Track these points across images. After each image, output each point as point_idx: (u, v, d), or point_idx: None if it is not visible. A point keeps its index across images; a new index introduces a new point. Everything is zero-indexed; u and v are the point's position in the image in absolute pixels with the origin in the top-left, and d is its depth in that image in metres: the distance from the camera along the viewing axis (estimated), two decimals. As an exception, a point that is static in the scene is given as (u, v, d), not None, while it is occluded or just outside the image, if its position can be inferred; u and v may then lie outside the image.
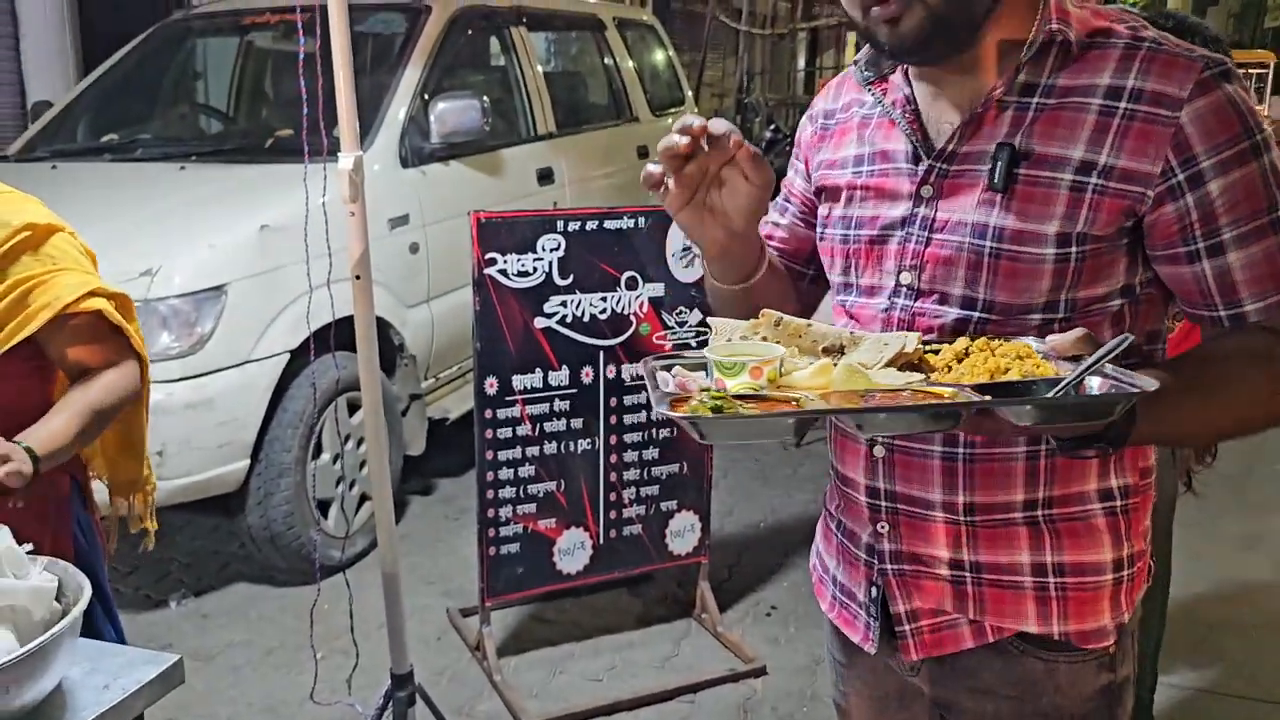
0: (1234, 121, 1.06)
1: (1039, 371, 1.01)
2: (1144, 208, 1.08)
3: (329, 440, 3.49)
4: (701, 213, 1.11)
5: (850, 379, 1.01)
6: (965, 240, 1.13)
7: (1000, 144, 1.11)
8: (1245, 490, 4.37)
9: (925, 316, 1.17)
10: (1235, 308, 1.09)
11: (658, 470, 3.09)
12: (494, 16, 4.85)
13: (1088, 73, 1.10)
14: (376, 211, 3.66)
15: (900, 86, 1.21)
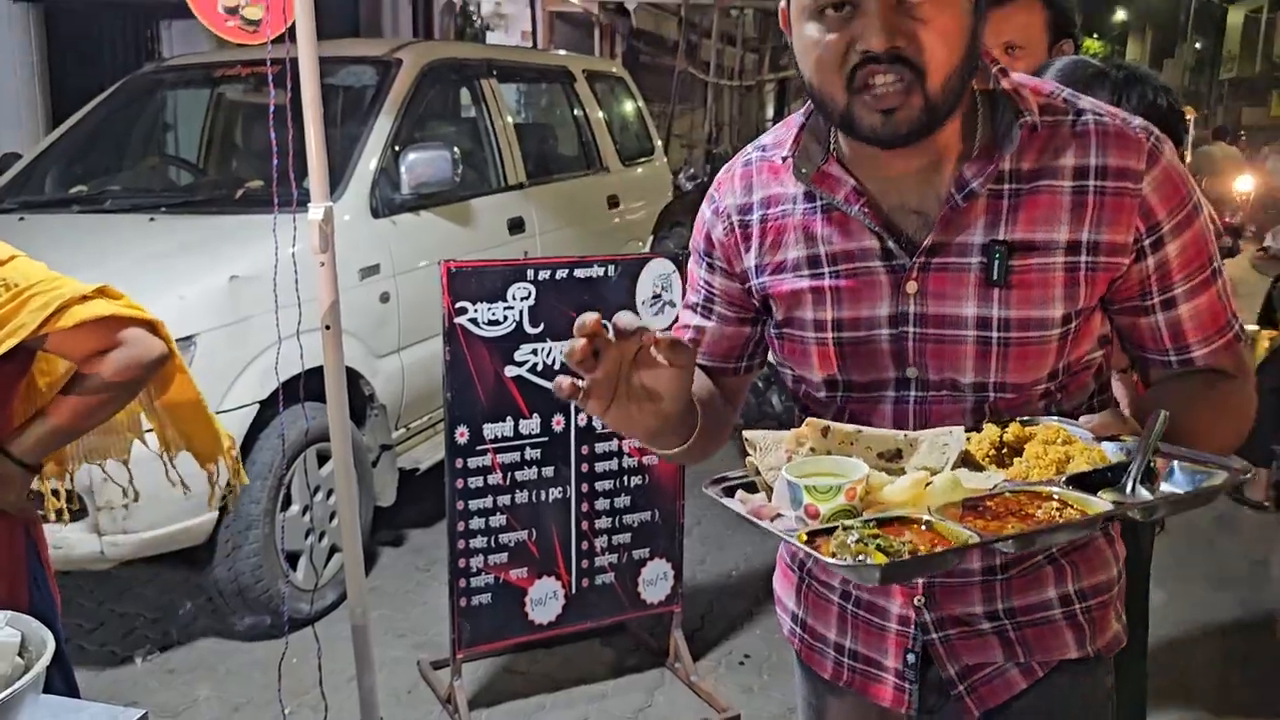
0: (1180, 186, 1.13)
1: (1096, 457, 1.05)
2: (1120, 272, 1.14)
3: (298, 491, 3.46)
4: (626, 407, 1.03)
5: (951, 490, 0.99)
6: (970, 333, 1.14)
7: (994, 240, 1.11)
8: (1214, 530, 4.42)
9: (943, 404, 1.18)
10: (1184, 353, 1.18)
11: (630, 518, 3.09)
12: (464, 69, 4.90)
13: (1049, 154, 1.12)
14: (347, 261, 3.66)
15: (843, 179, 1.16)
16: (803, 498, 0.97)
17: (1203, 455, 1.03)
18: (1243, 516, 4.64)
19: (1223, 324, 1.18)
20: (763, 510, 1.02)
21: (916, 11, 1.03)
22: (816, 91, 1.10)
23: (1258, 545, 4.39)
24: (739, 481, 1.09)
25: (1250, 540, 4.44)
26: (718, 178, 1.30)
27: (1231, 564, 4.15)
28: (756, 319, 1.29)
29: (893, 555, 0.91)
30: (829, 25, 1.05)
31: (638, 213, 6.11)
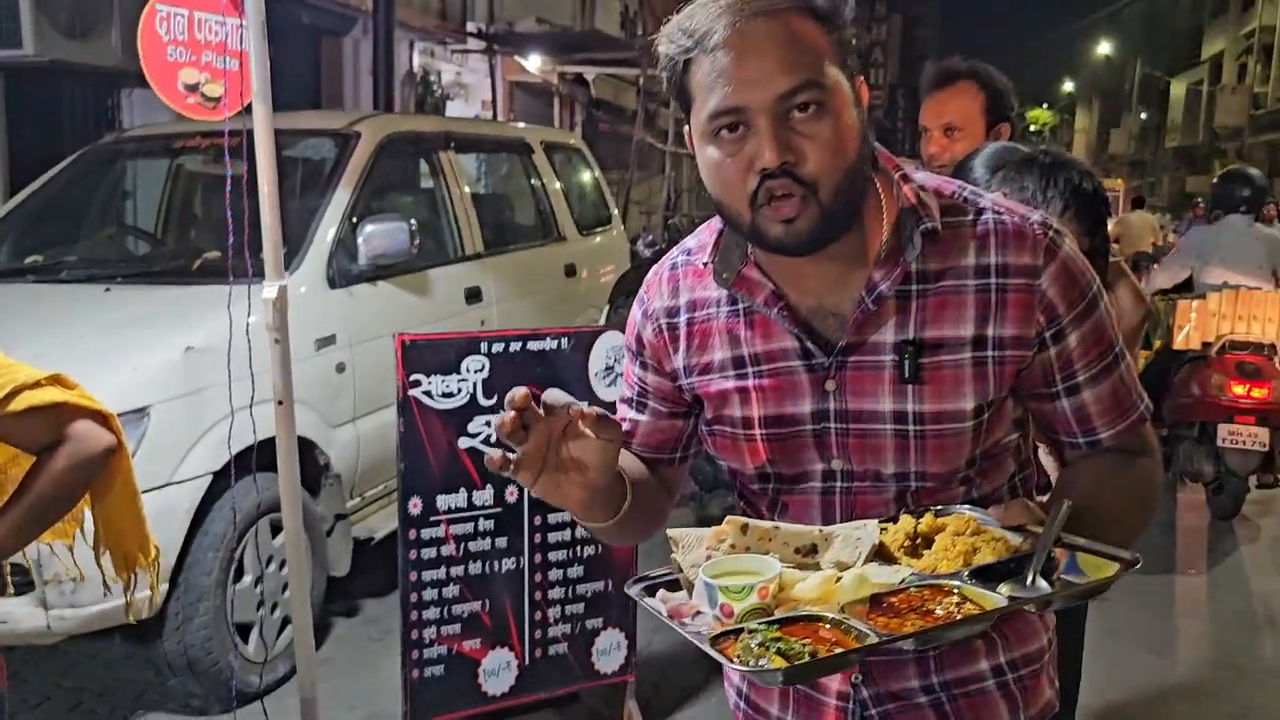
0: (1079, 278, 1.20)
1: (1001, 546, 1.09)
2: (1025, 363, 1.20)
3: (251, 562, 3.45)
4: (557, 478, 1.08)
5: (858, 587, 1.03)
6: (887, 427, 1.19)
7: (904, 340, 1.17)
8: (1154, 594, 4.51)
9: (868, 493, 1.23)
10: (1091, 435, 1.24)
11: (583, 588, 3.11)
12: (423, 141, 4.99)
13: (953, 255, 1.19)
14: (303, 332, 3.70)
15: (762, 283, 1.22)
16: (718, 597, 1.00)
17: (1098, 546, 1.07)
18: (1180, 580, 4.74)
19: (1127, 406, 1.24)
20: (683, 609, 1.05)
21: (801, 128, 1.10)
22: (725, 209, 1.17)
23: (1195, 607, 4.47)
24: (662, 580, 1.14)
25: (1190, 602, 4.52)
26: (646, 280, 1.36)
27: (1168, 627, 4.23)
28: (689, 413, 1.34)
29: (792, 659, 0.94)
30: (726, 147, 1.12)
31: (595, 281, 6.20)
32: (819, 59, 1.11)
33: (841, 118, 1.12)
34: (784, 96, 1.09)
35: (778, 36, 1.10)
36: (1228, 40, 35.36)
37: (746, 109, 1.10)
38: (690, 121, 1.18)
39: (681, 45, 1.14)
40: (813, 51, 1.11)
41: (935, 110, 2.63)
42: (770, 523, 1.14)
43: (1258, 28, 31.78)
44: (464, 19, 12.22)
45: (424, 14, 11.34)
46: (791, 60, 1.09)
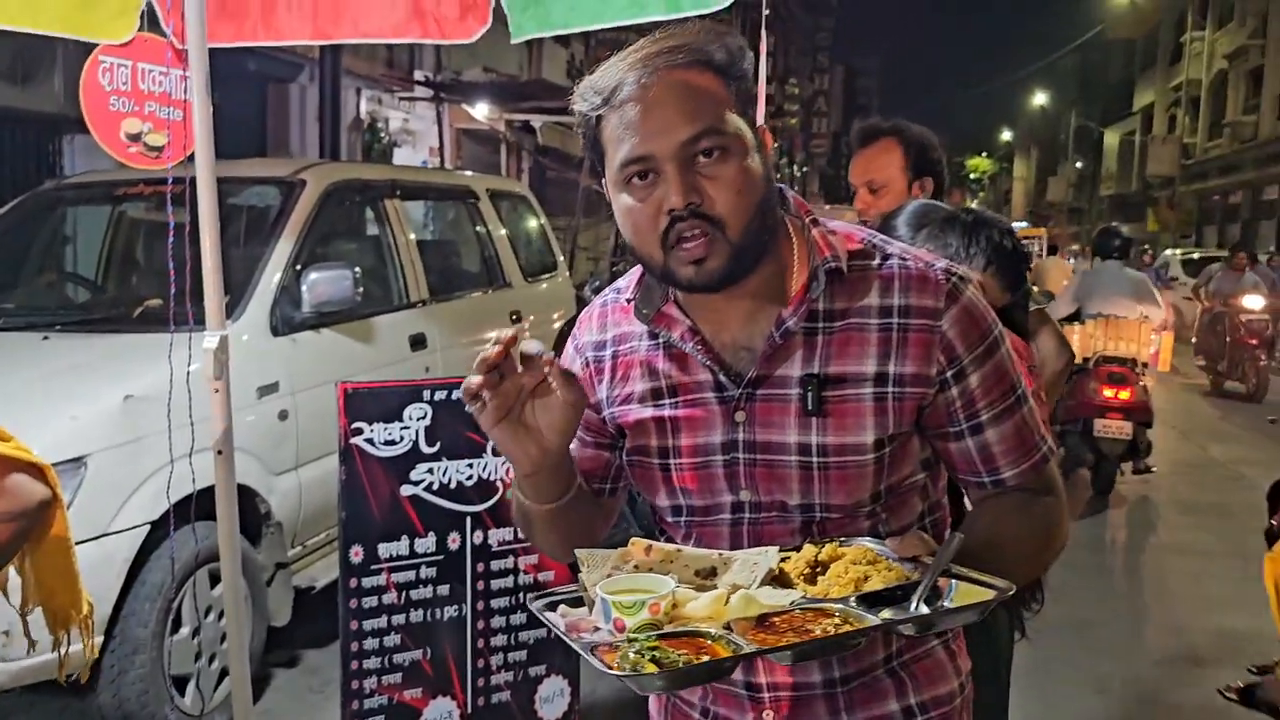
0: (980, 321, 1.27)
1: (893, 576, 1.13)
2: (927, 401, 1.26)
3: (189, 613, 3.40)
4: (516, 428, 1.17)
5: (745, 607, 1.07)
6: (792, 458, 1.25)
7: (807, 374, 1.24)
8: (1091, 634, 4.59)
9: (774, 524, 1.28)
10: (996, 474, 1.30)
11: (525, 635, 3.11)
12: (368, 189, 5.02)
13: (858, 295, 1.26)
14: (245, 379, 3.69)
15: (679, 319, 1.29)
16: (611, 612, 1.05)
17: (979, 575, 1.11)
18: (1114, 620, 4.84)
19: (1030, 446, 1.29)
20: (581, 624, 1.09)
21: (706, 171, 1.18)
22: (638, 252, 1.25)
23: (1130, 651, 4.56)
24: (565, 596, 1.19)
25: (1123, 648, 4.62)
26: (580, 317, 1.44)
27: (1106, 668, 4.31)
28: (613, 445, 1.40)
29: (666, 666, 0.98)
30: (638, 194, 1.20)
31: (541, 327, 6.24)
32: (718, 108, 1.19)
33: (744, 161, 1.20)
34: (687, 143, 1.17)
35: (678, 89, 1.18)
36: (1157, 93, 36.65)
37: (654, 157, 1.18)
38: (605, 173, 1.25)
39: (592, 103, 1.23)
40: (712, 101, 1.19)
41: (861, 168, 2.73)
42: (674, 545, 1.20)
43: (1185, 81, 32.98)
44: (411, 67, 12.31)
45: (371, 62, 11.41)
46: (692, 109, 1.18)
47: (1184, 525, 6.60)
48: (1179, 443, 9.33)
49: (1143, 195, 37.37)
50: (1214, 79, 30.73)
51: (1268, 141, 25.77)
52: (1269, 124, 25.95)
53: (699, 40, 1.21)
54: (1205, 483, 7.82)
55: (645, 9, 2.70)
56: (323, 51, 8.85)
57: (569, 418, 1.18)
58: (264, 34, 3.06)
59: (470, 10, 3.01)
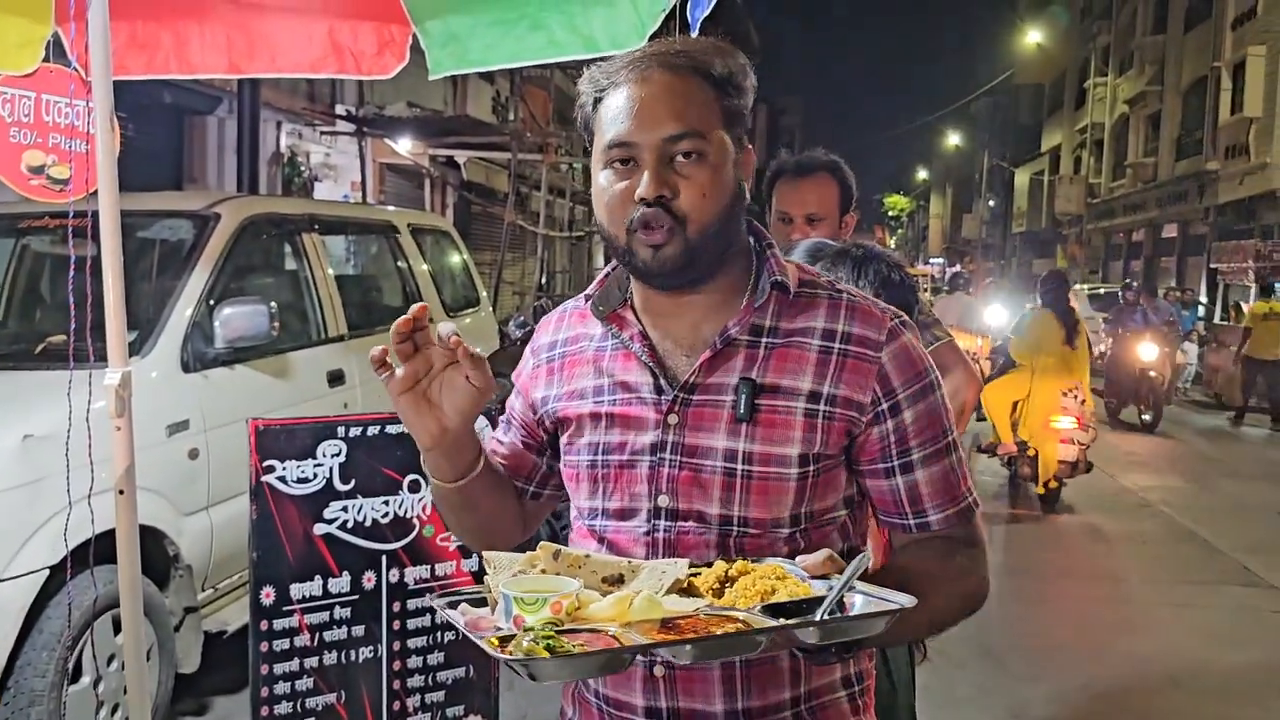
0: (917, 363, 1.31)
1: (800, 591, 1.13)
2: (859, 429, 1.28)
3: (90, 662, 3.27)
4: (420, 402, 1.22)
5: (649, 609, 1.07)
6: (718, 464, 1.27)
7: (743, 378, 1.27)
8: (1005, 661, 4.67)
9: (689, 535, 1.28)
10: (921, 517, 1.31)
11: (443, 675, 3.05)
12: (286, 223, 4.94)
13: (803, 317, 1.30)
14: (154, 417, 3.59)
15: (633, 322, 1.35)
16: (512, 609, 1.05)
17: (883, 592, 1.11)
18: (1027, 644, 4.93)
19: (958, 494, 1.31)
20: (481, 622, 1.09)
21: (682, 170, 1.25)
22: (605, 230, 1.31)
23: (1045, 678, 4.65)
24: (468, 596, 1.18)
25: (1038, 675, 4.70)
26: (540, 323, 1.51)
27: (1022, 695, 4.38)
28: (541, 449, 1.46)
29: (559, 654, 0.98)
30: (616, 176, 1.28)
31: (463, 362, 6.18)
32: (706, 116, 1.27)
33: (719, 171, 1.27)
34: (669, 140, 1.25)
35: (674, 89, 1.26)
36: (1064, 135, 37.99)
37: (638, 145, 1.25)
38: (592, 152, 1.32)
39: (598, 84, 1.31)
40: (701, 108, 1.27)
41: (799, 199, 2.77)
42: (583, 551, 1.21)
43: (1089, 124, 34.27)
44: (333, 101, 12.20)
45: (292, 95, 11.28)
46: (681, 110, 1.25)
47: (1097, 553, 6.77)
48: (1092, 473, 9.59)
49: (1053, 232, 38.59)
50: (1116, 122, 31.97)
51: (1166, 182, 26.86)
52: (1167, 166, 27.07)
53: (702, 51, 1.29)
54: (1116, 511, 8.04)
55: (562, 49, 2.73)
56: (241, 84, 8.73)
57: (472, 401, 1.23)
58: (176, 67, 3.01)
59: (388, 46, 3.01)
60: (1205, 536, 7.21)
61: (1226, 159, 22.48)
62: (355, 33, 2.97)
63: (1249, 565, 6.48)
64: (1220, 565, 6.54)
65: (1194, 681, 4.58)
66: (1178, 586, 6.04)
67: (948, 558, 1.29)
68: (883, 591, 1.12)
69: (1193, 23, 25.64)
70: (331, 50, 2.98)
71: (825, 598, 1.10)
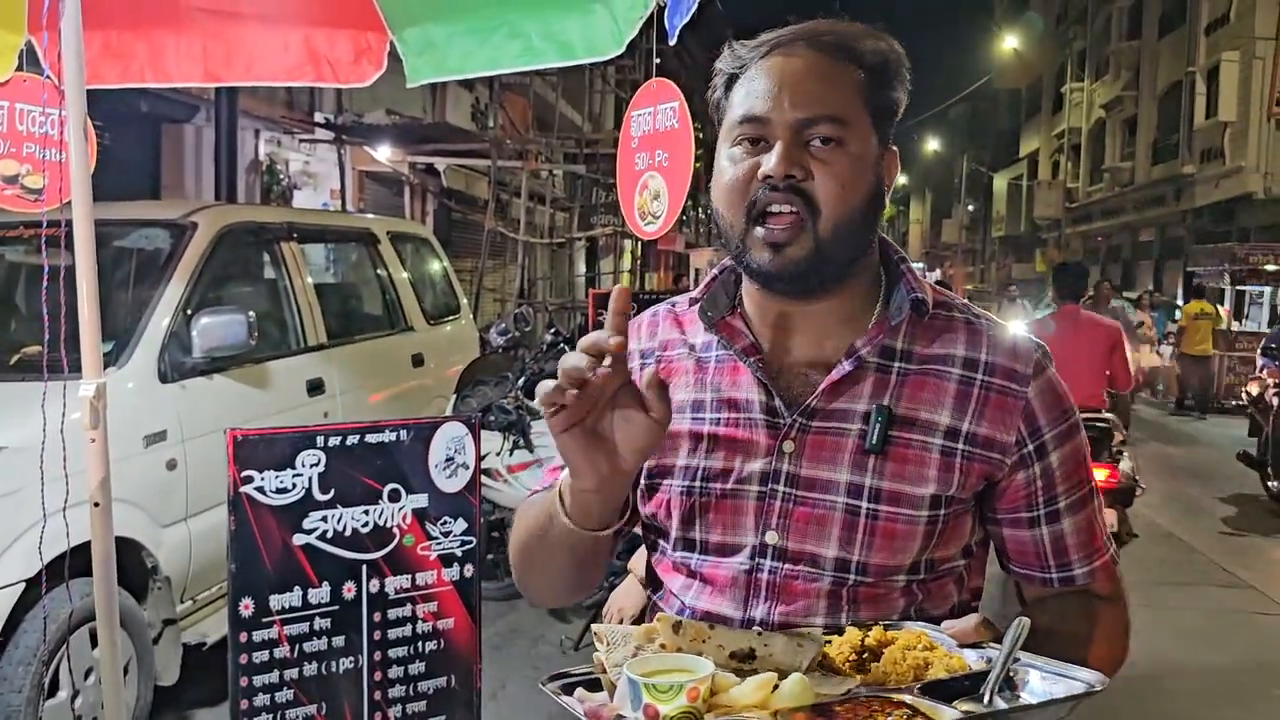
0: (1063, 400, 1.18)
1: (954, 664, 1.01)
2: (1001, 473, 1.15)
3: (67, 676, 3.24)
4: (590, 438, 1.01)
5: (799, 694, 0.94)
6: (840, 500, 1.12)
7: (879, 405, 1.12)
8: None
9: (799, 580, 1.14)
10: (1066, 570, 1.19)
11: (425, 685, 3.01)
12: (264, 232, 4.92)
13: (940, 342, 1.17)
14: (131, 428, 3.56)
15: (742, 330, 1.19)
16: (642, 696, 0.91)
17: (1059, 665, 0.99)
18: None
19: (1100, 544, 1.20)
20: (602, 711, 0.97)
21: (818, 153, 1.11)
22: (721, 217, 1.16)
23: None
24: (580, 679, 1.05)
25: None
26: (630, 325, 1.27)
27: None
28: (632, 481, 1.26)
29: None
30: (743, 153, 1.14)
31: (444, 370, 6.17)
32: (851, 103, 1.13)
33: (859, 162, 1.13)
34: (807, 122, 1.11)
35: (818, 68, 1.13)
36: (1042, 139, 38.30)
37: (770, 122, 1.12)
38: (719, 134, 1.18)
39: (740, 58, 1.17)
40: (846, 94, 1.13)
41: None
42: (706, 624, 1.05)
43: (1066, 129, 34.54)
44: (312, 109, 12.16)
45: (270, 103, 11.23)
46: (822, 93, 1.12)
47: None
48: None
49: (1031, 237, 38.85)
50: (1093, 127, 32.25)
51: (1143, 186, 27.10)
52: (1144, 170, 27.32)
53: (854, 35, 1.16)
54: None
55: (539, 56, 2.73)
56: (219, 92, 8.68)
57: (652, 436, 1.01)
58: (152, 75, 2.99)
59: (365, 54, 3.00)
60: (1183, 538, 7.27)
61: (1202, 163, 22.72)
62: (332, 41, 2.96)
63: (1227, 567, 6.54)
64: (1199, 567, 6.59)
65: (1174, 683, 4.61)
66: (1157, 588, 6.08)
67: (1094, 616, 1.18)
68: (1059, 666, 0.99)
69: (1167, 28, 25.91)
70: (308, 58, 2.97)
71: (989, 672, 0.98)
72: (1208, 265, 16.01)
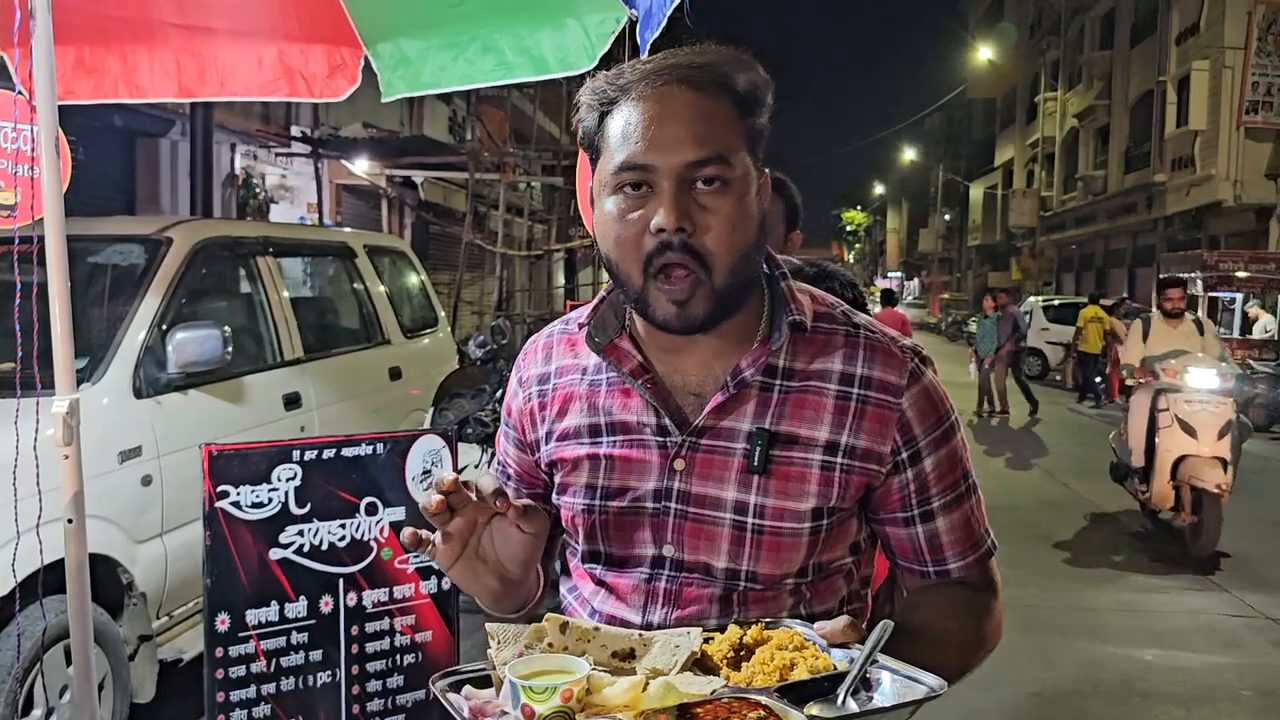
0: (938, 405, 1.23)
1: (820, 664, 1.06)
2: (878, 481, 1.21)
3: (42, 694, 3.21)
4: (474, 564, 1.09)
5: (665, 695, 0.99)
6: (727, 516, 1.18)
7: (759, 429, 1.17)
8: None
9: (693, 587, 1.20)
10: (941, 565, 1.24)
11: (403, 698, 3.03)
12: (239, 246, 4.91)
13: (820, 358, 1.20)
14: (106, 444, 3.55)
15: (632, 354, 1.23)
16: (520, 697, 0.97)
17: (910, 670, 1.03)
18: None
19: (977, 539, 1.25)
20: (487, 707, 1.01)
21: (704, 200, 1.12)
22: (615, 268, 1.17)
23: (1002, 683, 4.69)
24: (471, 675, 1.09)
25: (996, 680, 4.75)
26: (524, 349, 1.37)
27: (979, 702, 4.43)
28: (546, 495, 1.33)
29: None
30: (627, 203, 1.14)
31: (421, 383, 6.17)
32: (728, 138, 1.14)
33: (743, 198, 1.15)
34: (692, 165, 1.12)
35: (696, 107, 1.13)
36: (1016, 149, 38.62)
37: (654, 169, 1.12)
38: (595, 172, 1.19)
39: (607, 96, 1.17)
40: (726, 130, 1.14)
41: None
42: (591, 623, 1.12)
43: (1040, 138, 34.86)
44: (288, 122, 12.13)
45: (246, 117, 11.20)
46: (704, 133, 1.12)
47: (1050, 558, 6.86)
48: (1044, 480, 9.73)
49: (1007, 245, 39.14)
50: (1066, 136, 32.56)
51: (1116, 194, 27.38)
52: (1116, 178, 27.60)
53: (724, 63, 1.16)
54: (1069, 516, 8.16)
55: (513, 70, 2.75)
56: (194, 107, 8.66)
57: (532, 549, 1.11)
58: (125, 91, 3.00)
59: (339, 69, 3.02)
60: (1157, 541, 7.34)
61: (1173, 171, 22.98)
62: (306, 56, 2.98)
63: (1201, 570, 6.60)
64: (1173, 569, 6.65)
65: (1146, 684, 4.66)
66: (1130, 592, 6.14)
67: (966, 608, 1.23)
68: (910, 670, 1.03)
69: (1138, 38, 26.22)
70: (282, 73, 2.99)
71: (848, 673, 1.03)
72: (1179, 272, 16.20)
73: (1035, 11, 36.19)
